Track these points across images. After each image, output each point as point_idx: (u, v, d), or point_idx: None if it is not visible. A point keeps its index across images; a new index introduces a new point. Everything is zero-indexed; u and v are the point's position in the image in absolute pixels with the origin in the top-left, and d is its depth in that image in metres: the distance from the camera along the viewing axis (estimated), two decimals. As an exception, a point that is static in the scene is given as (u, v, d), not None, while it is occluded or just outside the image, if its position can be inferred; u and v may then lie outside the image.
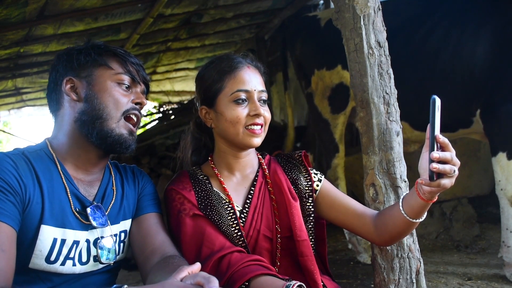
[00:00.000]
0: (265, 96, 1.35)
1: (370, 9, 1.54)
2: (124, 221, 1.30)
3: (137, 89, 1.29)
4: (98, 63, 1.23)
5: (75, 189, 1.20)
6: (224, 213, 1.31)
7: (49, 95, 1.28)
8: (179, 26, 4.11)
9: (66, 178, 1.19)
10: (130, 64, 1.27)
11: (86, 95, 1.21)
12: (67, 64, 1.24)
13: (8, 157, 1.12)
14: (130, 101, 1.25)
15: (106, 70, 1.23)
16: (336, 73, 2.94)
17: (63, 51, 1.28)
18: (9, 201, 1.05)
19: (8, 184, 1.07)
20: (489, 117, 2.39)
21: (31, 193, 1.11)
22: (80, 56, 1.23)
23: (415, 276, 1.52)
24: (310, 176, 1.42)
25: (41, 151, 1.21)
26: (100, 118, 1.20)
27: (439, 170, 1.07)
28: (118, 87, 1.24)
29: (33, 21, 3.06)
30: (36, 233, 1.11)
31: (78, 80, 1.23)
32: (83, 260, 1.19)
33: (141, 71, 1.30)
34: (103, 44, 1.29)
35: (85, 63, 1.23)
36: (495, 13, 2.40)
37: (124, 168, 1.40)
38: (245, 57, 1.38)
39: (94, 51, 1.25)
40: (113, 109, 1.21)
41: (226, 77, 1.32)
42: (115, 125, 1.22)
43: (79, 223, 1.19)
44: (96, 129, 1.20)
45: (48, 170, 1.17)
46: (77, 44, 1.29)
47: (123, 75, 1.25)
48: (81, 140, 1.23)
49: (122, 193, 1.32)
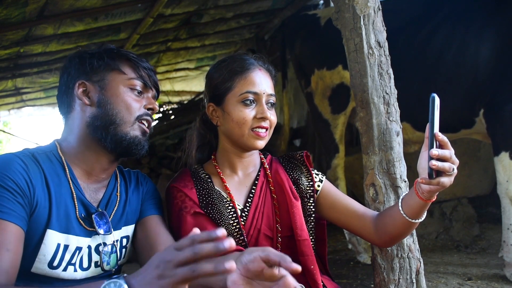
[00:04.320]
0: (273, 99, 1.35)
1: (370, 9, 1.54)
2: (126, 227, 1.29)
3: (149, 94, 1.28)
4: (110, 67, 1.22)
5: (81, 194, 1.19)
6: (225, 211, 1.31)
7: (59, 97, 1.27)
8: (179, 26, 4.11)
9: (73, 183, 1.18)
10: (143, 69, 1.26)
11: (99, 100, 1.20)
12: (79, 67, 1.23)
13: (19, 158, 1.11)
14: (142, 107, 1.24)
15: (119, 75, 1.22)
16: (337, 73, 2.94)
17: (75, 54, 1.27)
18: (18, 202, 1.05)
19: (18, 186, 1.06)
20: (493, 117, 2.39)
21: (39, 196, 1.10)
22: (93, 60, 1.22)
23: (415, 276, 1.52)
24: (311, 177, 1.42)
25: (50, 153, 1.19)
26: (113, 124, 1.19)
27: (438, 168, 1.07)
28: (131, 92, 1.23)
29: (33, 21, 3.06)
30: (42, 237, 1.10)
31: (91, 84, 1.22)
32: (84, 266, 1.19)
33: (153, 76, 1.29)
34: (116, 48, 1.28)
35: (97, 67, 1.22)
36: (499, 13, 2.40)
37: (128, 173, 1.39)
38: (257, 59, 1.38)
39: (107, 55, 1.24)
40: (126, 114, 1.20)
41: (236, 77, 1.32)
42: (130, 128, 1.21)
43: (83, 229, 1.18)
44: (110, 134, 1.19)
45: (56, 174, 1.16)
46: (88, 47, 1.28)
47: (135, 80, 1.23)
48: (93, 144, 1.22)
49: (126, 199, 1.31)
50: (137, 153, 1.24)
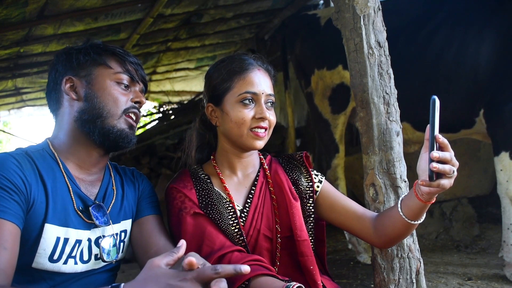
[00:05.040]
0: (272, 99, 1.35)
1: (370, 9, 1.54)
2: (125, 221, 1.31)
3: (136, 88, 1.30)
4: (97, 62, 1.24)
5: (77, 188, 1.21)
6: (224, 212, 1.31)
7: (48, 94, 1.29)
8: (179, 26, 4.11)
9: (68, 178, 1.20)
10: (129, 63, 1.28)
11: (86, 94, 1.22)
12: (66, 63, 1.25)
13: (13, 157, 1.12)
14: (129, 100, 1.26)
15: (105, 69, 1.24)
16: (337, 73, 2.94)
17: (62, 50, 1.29)
18: (14, 200, 1.06)
19: (13, 184, 1.07)
20: (493, 117, 2.39)
21: (35, 192, 1.11)
22: (80, 56, 1.24)
23: (415, 276, 1.52)
24: (311, 177, 1.42)
25: (43, 151, 1.21)
26: (100, 117, 1.21)
27: (439, 170, 1.07)
28: (117, 86, 1.25)
29: (33, 21, 3.07)
30: (40, 232, 1.11)
31: (78, 79, 1.23)
32: (85, 259, 1.20)
33: (140, 70, 1.31)
34: (102, 44, 1.29)
35: (84, 62, 1.24)
36: (500, 13, 2.40)
37: (123, 170, 1.41)
38: (256, 59, 1.38)
39: (93, 51, 1.25)
40: (113, 107, 1.22)
41: (235, 77, 1.32)
42: (116, 121, 1.23)
43: (82, 222, 1.19)
44: (97, 127, 1.21)
45: (51, 169, 1.18)
46: (76, 44, 1.30)
47: (122, 74, 1.25)
48: (82, 139, 1.24)
49: (123, 193, 1.33)
50: (125, 146, 1.26)
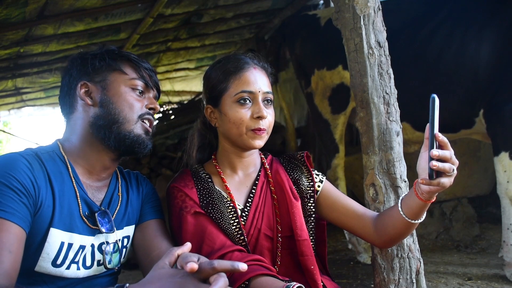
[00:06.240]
0: (270, 97, 1.35)
1: (370, 9, 1.55)
2: (128, 227, 1.30)
3: (150, 94, 1.30)
4: (112, 68, 1.24)
5: (84, 193, 1.20)
6: (225, 211, 1.31)
7: (62, 98, 1.28)
8: (179, 26, 4.11)
9: (76, 182, 1.19)
10: (144, 70, 1.28)
11: (101, 100, 1.22)
12: (81, 68, 1.25)
13: (24, 158, 1.11)
14: (144, 106, 1.26)
15: (120, 75, 1.24)
16: (337, 73, 2.94)
17: (77, 55, 1.29)
18: (22, 203, 1.05)
19: (23, 186, 1.06)
20: (493, 117, 2.39)
21: (43, 195, 1.11)
22: (95, 61, 1.24)
23: (415, 276, 1.52)
24: (312, 177, 1.42)
25: (53, 153, 1.20)
26: (116, 123, 1.21)
27: (438, 168, 1.07)
28: (132, 92, 1.25)
29: (33, 21, 3.06)
30: (45, 236, 1.11)
31: (93, 84, 1.23)
32: (87, 265, 1.20)
33: (154, 77, 1.31)
34: (117, 49, 1.30)
35: (99, 68, 1.24)
36: (499, 13, 2.40)
37: (128, 174, 1.40)
38: (252, 57, 1.38)
39: (109, 56, 1.25)
40: (129, 112, 1.22)
41: (231, 77, 1.32)
42: (133, 127, 1.23)
43: (86, 227, 1.19)
44: (113, 133, 1.21)
45: (60, 173, 1.17)
46: (89, 48, 1.30)
47: (136, 81, 1.26)
48: (96, 144, 1.23)
49: (127, 199, 1.32)
50: (141, 151, 1.25)
